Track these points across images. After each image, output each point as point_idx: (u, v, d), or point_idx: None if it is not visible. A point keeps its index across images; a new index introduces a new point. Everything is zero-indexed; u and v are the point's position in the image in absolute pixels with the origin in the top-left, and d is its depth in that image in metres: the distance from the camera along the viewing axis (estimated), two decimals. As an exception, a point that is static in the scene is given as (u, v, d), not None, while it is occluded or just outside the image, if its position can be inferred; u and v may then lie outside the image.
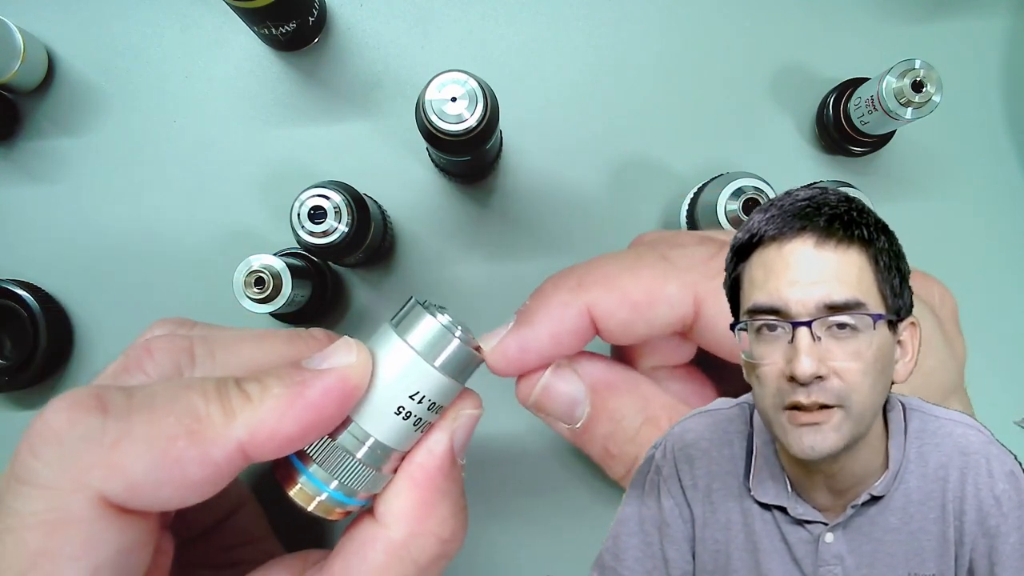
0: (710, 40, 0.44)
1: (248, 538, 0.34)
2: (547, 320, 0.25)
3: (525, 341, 0.25)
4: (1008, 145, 0.44)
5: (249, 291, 0.35)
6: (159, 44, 0.44)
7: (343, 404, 0.23)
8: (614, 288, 0.25)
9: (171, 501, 0.22)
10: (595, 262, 0.27)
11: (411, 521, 0.25)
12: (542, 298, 0.26)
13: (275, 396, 0.23)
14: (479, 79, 0.32)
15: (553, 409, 0.27)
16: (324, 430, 0.24)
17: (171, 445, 0.21)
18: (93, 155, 0.43)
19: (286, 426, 0.22)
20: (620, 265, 0.26)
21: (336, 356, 0.24)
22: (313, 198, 0.35)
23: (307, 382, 0.23)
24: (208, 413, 0.22)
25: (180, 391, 0.23)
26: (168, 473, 0.21)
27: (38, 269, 0.43)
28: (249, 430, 0.22)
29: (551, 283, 0.27)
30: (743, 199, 0.36)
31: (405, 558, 0.25)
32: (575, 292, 0.25)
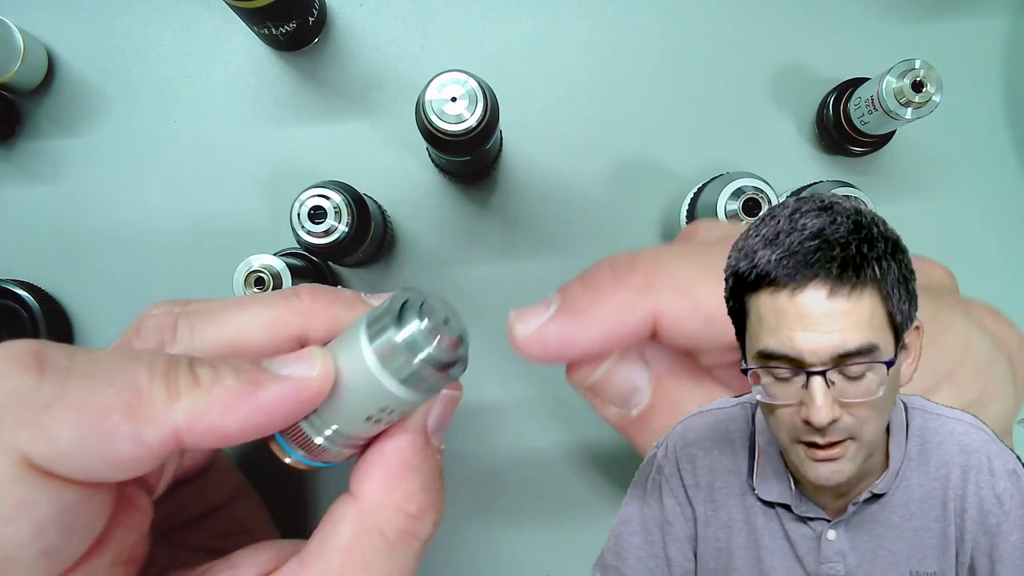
0: (710, 40, 0.44)
1: (244, 528, 0.33)
2: (604, 319, 0.23)
3: (571, 335, 0.23)
4: (1008, 145, 0.44)
5: (249, 291, 0.35)
6: (159, 44, 0.44)
7: (292, 414, 0.23)
8: (687, 295, 0.23)
9: (97, 474, 0.21)
10: (664, 258, 0.24)
11: (377, 491, 0.24)
12: (598, 290, 0.24)
13: (226, 388, 0.22)
14: (479, 79, 0.32)
15: (611, 395, 0.26)
16: (266, 433, 0.23)
17: (105, 417, 0.20)
18: (93, 155, 0.43)
19: (227, 422, 0.21)
20: (696, 268, 0.23)
21: (298, 365, 0.23)
22: (313, 198, 0.35)
23: (262, 383, 0.22)
24: (150, 390, 0.21)
25: (126, 362, 0.22)
26: (97, 446, 0.20)
27: (38, 269, 0.43)
28: (189, 417, 0.21)
29: (611, 275, 0.24)
30: (743, 199, 0.36)
31: (372, 528, 0.24)
32: (642, 294, 0.23)
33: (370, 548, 0.24)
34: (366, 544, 0.24)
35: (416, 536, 0.25)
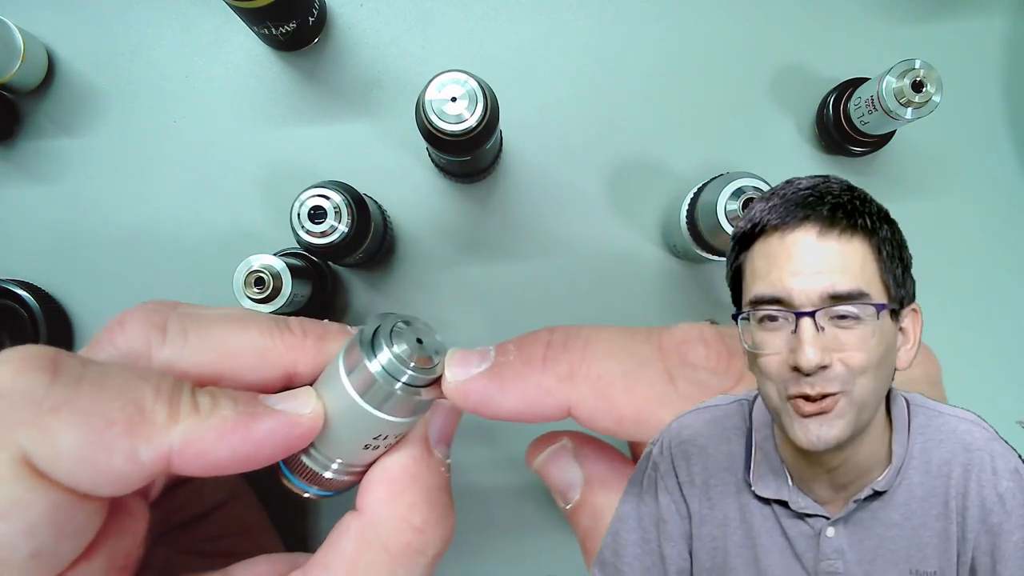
0: (710, 40, 0.44)
1: (240, 529, 0.33)
2: (523, 396, 0.24)
3: (492, 398, 0.24)
4: (1008, 145, 0.44)
5: (249, 291, 0.35)
6: (159, 44, 0.44)
7: (282, 448, 0.23)
8: (604, 396, 0.23)
9: (88, 485, 0.21)
10: (593, 347, 0.24)
11: (379, 504, 0.25)
12: (526, 364, 0.24)
13: (222, 417, 0.22)
14: (479, 79, 0.32)
15: (550, 484, 0.27)
16: (255, 466, 0.23)
17: (107, 428, 0.21)
18: (93, 155, 0.43)
19: (220, 450, 0.22)
20: (620, 366, 0.24)
21: (293, 402, 0.24)
22: (313, 198, 0.35)
23: (258, 416, 0.23)
24: (154, 409, 0.21)
25: (134, 379, 0.22)
26: (95, 455, 0.21)
27: (38, 269, 0.43)
28: (184, 440, 0.22)
29: (542, 352, 0.24)
30: (743, 199, 0.36)
31: (374, 543, 0.24)
32: (562, 384, 0.24)
33: (373, 563, 0.24)
34: (369, 559, 0.24)
35: (421, 552, 0.25)
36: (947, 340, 0.43)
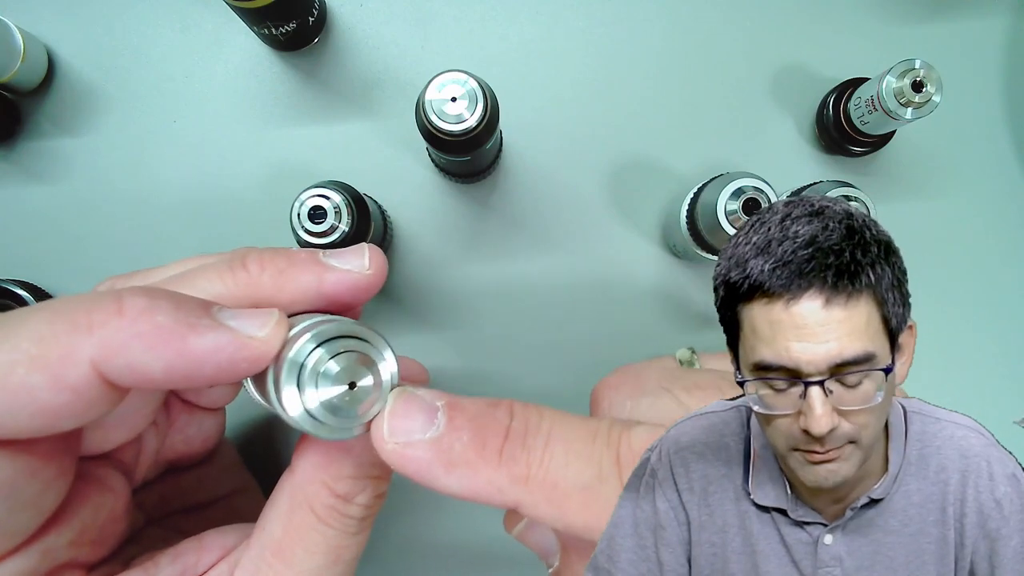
0: (710, 40, 0.44)
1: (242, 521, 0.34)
2: (468, 486, 0.21)
3: (433, 475, 0.22)
4: (1008, 145, 0.44)
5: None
6: (159, 44, 0.44)
7: (226, 372, 0.20)
8: (558, 506, 0.22)
9: (33, 429, 0.20)
10: (552, 447, 0.22)
11: (307, 467, 0.24)
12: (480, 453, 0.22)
13: (154, 323, 0.19)
14: (479, 79, 0.32)
15: (531, 548, 0.27)
16: (198, 385, 0.21)
17: (10, 373, 0.19)
18: (93, 155, 0.43)
19: (149, 361, 0.19)
20: (579, 480, 0.22)
21: (247, 320, 0.21)
22: (313, 198, 0.35)
23: (198, 329, 0.20)
24: (52, 333, 0.19)
25: (31, 312, 0.20)
26: (14, 402, 0.19)
27: (38, 269, 0.43)
28: (104, 349, 0.19)
29: (498, 444, 0.22)
30: (743, 199, 0.36)
31: (302, 502, 0.24)
32: (515, 485, 0.22)
33: (303, 521, 0.24)
34: (299, 517, 0.24)
35: (346, 515, 0.24)
36: (947, 340, 0.44)
